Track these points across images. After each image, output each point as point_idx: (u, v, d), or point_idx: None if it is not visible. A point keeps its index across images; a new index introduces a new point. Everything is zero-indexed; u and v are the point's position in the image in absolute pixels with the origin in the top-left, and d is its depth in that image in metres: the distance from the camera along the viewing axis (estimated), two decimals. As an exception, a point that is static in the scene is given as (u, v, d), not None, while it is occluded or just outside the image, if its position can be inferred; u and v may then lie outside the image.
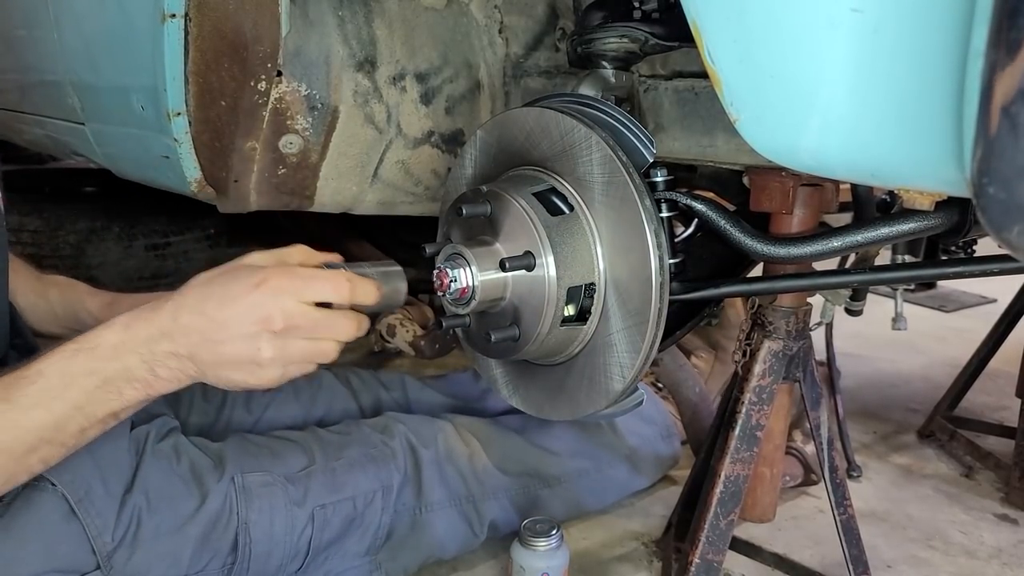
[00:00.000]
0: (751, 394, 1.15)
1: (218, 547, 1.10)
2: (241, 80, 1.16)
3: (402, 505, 1.25)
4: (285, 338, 0.86)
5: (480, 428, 1.41)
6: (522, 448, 1.41)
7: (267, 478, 1.15)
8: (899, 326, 1.43)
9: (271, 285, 0.85)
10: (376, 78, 1.25)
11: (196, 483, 1.11)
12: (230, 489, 1.12)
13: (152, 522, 1.06)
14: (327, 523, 1.17)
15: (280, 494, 1.15)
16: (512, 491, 1.37)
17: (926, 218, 0.91)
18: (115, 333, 0.86)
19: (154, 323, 0.86)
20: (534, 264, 0.94)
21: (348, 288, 0.87)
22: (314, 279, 0.87)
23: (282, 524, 1.14)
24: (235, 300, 0.85)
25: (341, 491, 1.19)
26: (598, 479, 1.48)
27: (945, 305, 3.07)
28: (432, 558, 1.32)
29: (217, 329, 0.85)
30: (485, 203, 0.98)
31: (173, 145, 1.23)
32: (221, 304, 0.86)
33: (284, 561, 1.15)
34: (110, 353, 0.86)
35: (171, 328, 0.86)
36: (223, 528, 1.10)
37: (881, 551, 1.45)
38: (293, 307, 0.85)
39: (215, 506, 1.10)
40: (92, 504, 1.02)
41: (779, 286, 1.11)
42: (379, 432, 1.30)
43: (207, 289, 0.88)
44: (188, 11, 1.13)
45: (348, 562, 1.22)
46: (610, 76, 1.15)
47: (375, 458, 1.25)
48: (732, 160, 1.10)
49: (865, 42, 0.66)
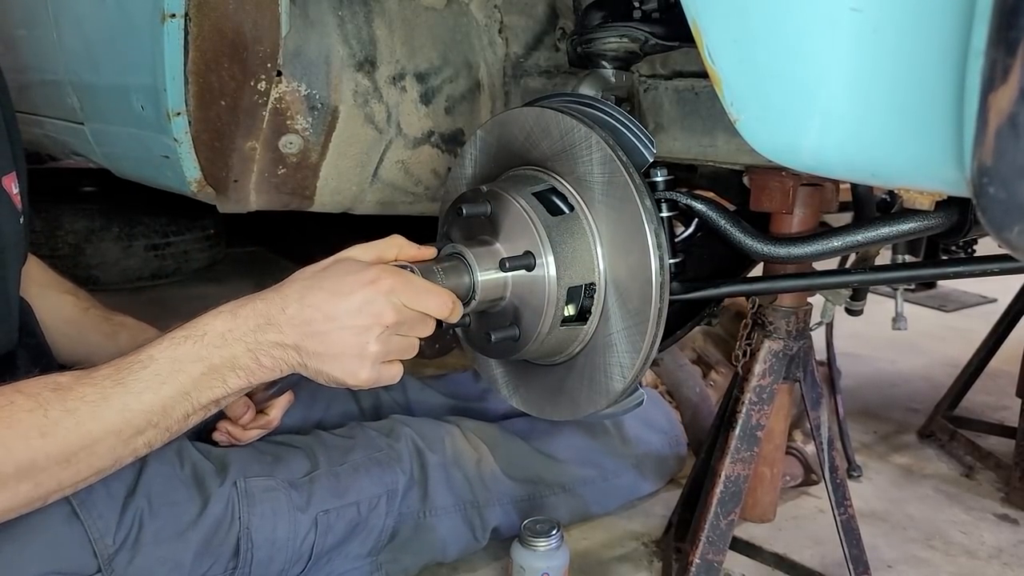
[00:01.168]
0: (751, 394, 1.15)
1: (220, 552, 1.10)
2: (241, 80, 1.16)
3: (407, 508, 1.25)
4: (390, 334, 0.89)
5: (487, 432, 1.40)
6: (528, 454, 1.41)
7: (270, 483, 1.15)
8: (899, 326, 1.43)
9: (385, 284, 0.88)
10: (376, 78, 1.25)
11: (198, 488, 1.10)
12: (232, 493, 1.11)
13: (154, 526, 1.05)
14: (330, 528, 1.17)
15: (283, 499, 1.14)
16: (517, 497, 1.36)
17: (926, 218, 0.91)
18: (223, 321, 0.88)
19: (262, 312, 0.88)
20: (534, 264, 0.94)
21: (451, 312, 0.91)
22: (427, 293, 0.90)
23: (285, 529, 1.13)
24: (349, 295, 0.88)
25: (345, 496, 1.19)
26: (604, 487, 1.47)
27: (945, 305, 3.07)
28: (433, 560, 1.32)
29: (326, 320, 0.87)
30: (485, 203, 0.98)
31: (173, 145, 1.23)
32: (333, 297, 0.88)
33: (286, 566, 1.15)
34: (218, 341, 0.87)
35: (279, 318, 0.88)
36: (225, 533, 1.10)
37: (881, 551, 1.45)
38: (402, 307, 0.89)
39: (217, 511, 1.10)
40: (94, 506, 1.01)
41: (779, 286, 1.11)
42: (384, 435, 1.29)
43: (316, 282, 0.90)
44: (188, 11, 1.13)
45: (350, 563, 1.22)
46: (610, 76, 1.15)
47: (380, 462, 1.24)
48: (732, 160, 1.10)
49: (865, 42, 0.66)
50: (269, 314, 0.88)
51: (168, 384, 0.85)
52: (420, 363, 2.03)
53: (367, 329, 0.87)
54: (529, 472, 1.39)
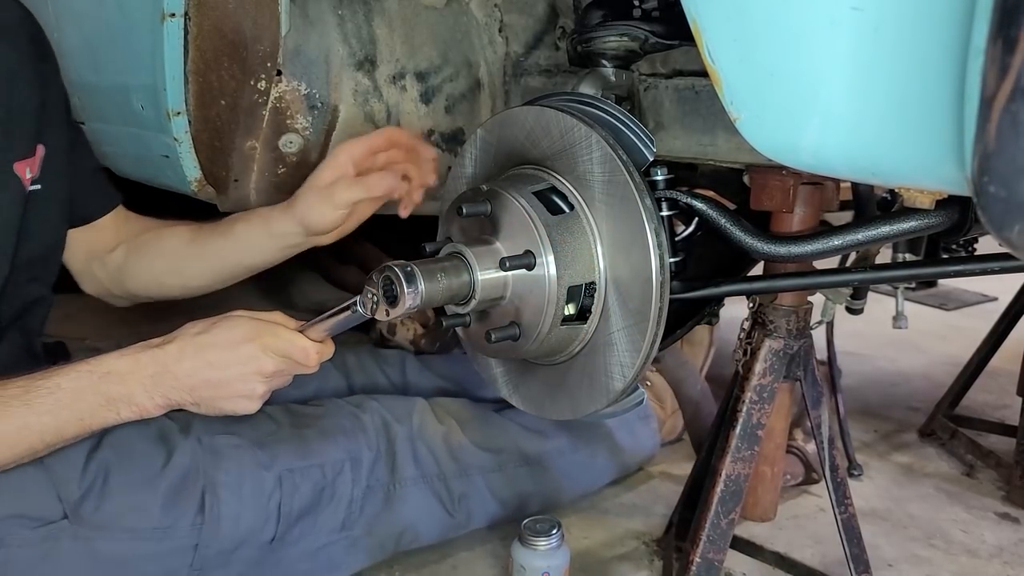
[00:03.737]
0: (752, 393, 1.15)
1: (186, 506, 1.11)
2: (241, 79, 1.16)
3: (375, 480, 1.26)
4: (272, 378, 1.06)
5: (458, 408, 1.42)
6: (500, 425, 1.42)
7: (235, 440, 1.17)
8: (900, 324, 1.43)
9: (262, 343, 1.03)
10: (376, 77, 1.25)
11: (163, 443, 1.14)
12: (197, 448, 1.14)
13: (120, 474, 1.08)
14: (296, 489, 1.18)
15: (248, 456, 1.16)
16: (487, 469, 1.37)
17: (927, 216, 0.90)
18: (125, 364, 1.02)
19: (160, 361, 1.03)
20: (534, 263, 0.94)
21: (309, 360, 1.06)
22: (293, 347, 1.05)
23: (250, 486, 1.15)
24: (234, 349, 1.03)
25: (309, 458, 1.20)
26: (575, 459, 1.48)
27: (946, 303, 3.06)
28: (407, 537, 1.31)
29: (219, 371, 1.03)
30: (485, 202, 0.98)
31: (173, 144, 1.23)
32: (222, 352, 1.03)
33: (255, 525, 1.15)
34: (117, 379, 1.01)
35: (175, 368, 1.02)
36: (191, 485, 1.11)
37: (882, 550, 1.45)
38: (279, 359, 1.04)
39: (182, 462, 1.12)
40: (59, 453, 1.04)
41: (780, 285, 1.10)
42: (353, 406, 1.31)
43: (206, 338, 1.04)
44: (188, 10, 1.13)
45: (324, 538, 1.22)
46: (610, 75, 1.15)
47: (345, 429, 1.26)
48: (732, 159, 1.10)
49: (866, 40, 0.66)
50: (166, 363, 1.02)
51: (68, 409, 0.99)
52: (421, 362, 2.03)
53: (252, 377, 1.04)
54: (501, 441, 1.40)
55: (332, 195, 1.13)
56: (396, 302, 0.93)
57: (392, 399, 1.38)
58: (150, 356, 1.02)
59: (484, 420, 1.42)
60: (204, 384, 1.03)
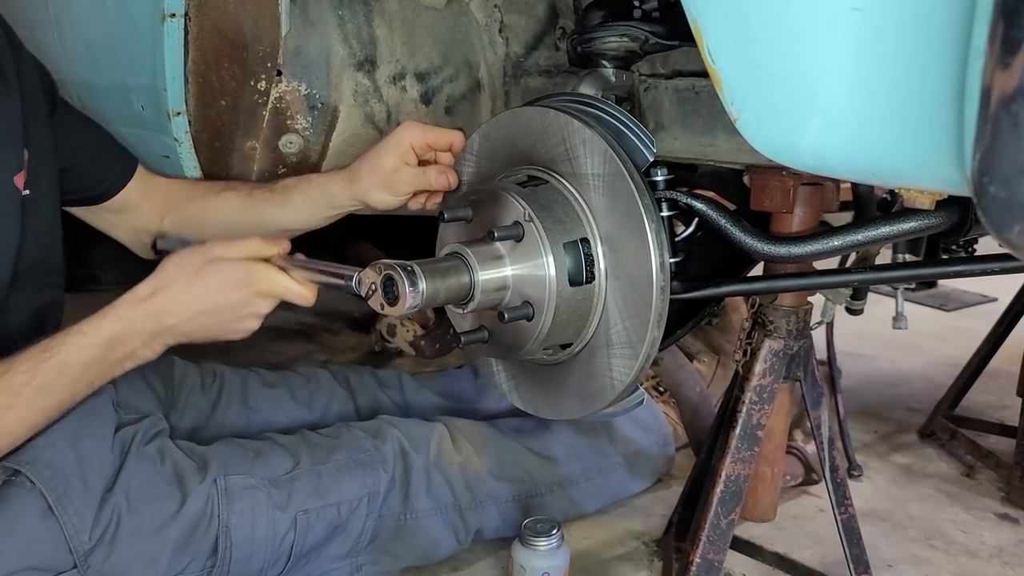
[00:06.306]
0: (752, 393, 1.15)
1: (198, 550, 1.10)
2: (241, 79, 1.16)
3: (387, 511, 1.25)
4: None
5: (475, 432, 1.40)
6: (517, 452, 1.40)
7: (250, 481, 1.15)
8: (900, 325, 1.43)
9: (257, 290, 1.03)
10: (376, 77, 1.25)
11: (178, 485, 1.11)
12: (212, 491, 1.12)
13: (131, 522, 1.06)
14: (310, 529, 1.17)
15: (263, 498, 1.14)
16: (504, 498, 1.36)
17: (927, 217, 0.91)
18: (124, 327, 1.03)
19: (155, 317, 1.03)
20: (523, 234, 0.94)
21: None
22: (287, 291, 1.05)
23: (264, 528, 1.13)
24: (229, 296, 1.03)
25: (326, 497, 1.19)
26: (590, 486, 1.47)
27: (946, 304, 3.07)
28: (415, 563, 1.31)
29: (214, 319, 1.04)
30: (467, 207, 0.99)
31: (173, 144, 1.23)
32: (217, 300, 1.03)
33: (265, 565, 1.14)
34: (119, 343, 1.03)
35: (173, 322, 1.03)
36: (203, 531, 1.10)
37: (882, 550, 1.45)
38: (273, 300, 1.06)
39: (196, 508, 1.10)
40: (70, 502, 1.03)
41: (780, 285, 1.11)
42: (371, 436, 1.29)
43: (199, 289, 1.03)
44: (188, 10, 1.13)
45: (328, 564, 1.21)
46: (610, 75, 1.15)
47: (363, 463, 1.24)
48: (732, 159, 1.10)
49: (866, 41, 0.66)
50: (161, 318, 1.03)
51: (78, 383, 1.03)
52: (420, 363, 2.03)
53: (248, 318, 1.05)
54: (518, 471, 1.39)
55: (395, 184, 1.14)
56: (397, 301, 0.94)
57: (412, 424, 1.35)
58: (144, 313, 1.03)
59: (499, 446, 1.40)
60: (201, 329, 1.05)
